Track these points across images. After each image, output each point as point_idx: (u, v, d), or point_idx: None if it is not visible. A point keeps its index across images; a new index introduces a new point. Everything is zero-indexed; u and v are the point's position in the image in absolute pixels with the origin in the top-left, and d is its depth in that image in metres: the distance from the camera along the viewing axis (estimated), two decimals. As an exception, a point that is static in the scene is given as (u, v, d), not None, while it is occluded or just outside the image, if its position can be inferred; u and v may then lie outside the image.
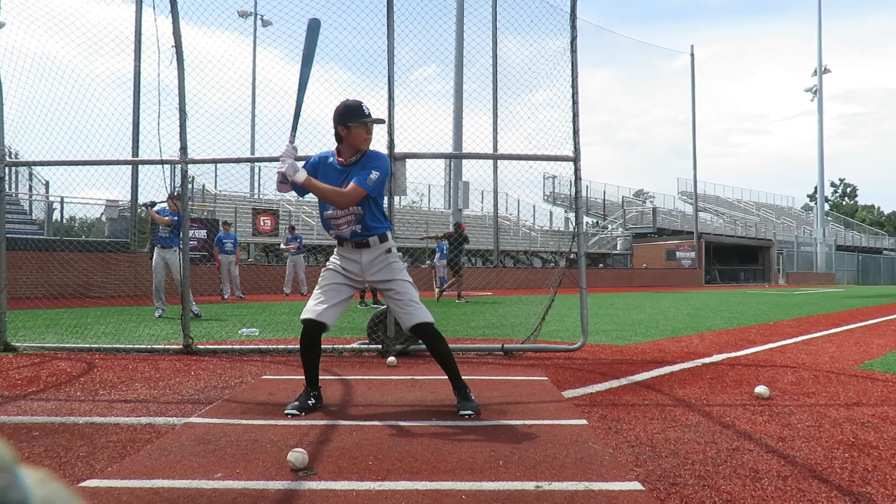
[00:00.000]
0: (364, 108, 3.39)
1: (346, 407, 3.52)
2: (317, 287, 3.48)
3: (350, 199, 3.32)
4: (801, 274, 40.97)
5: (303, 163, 3.50)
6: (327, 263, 3.55)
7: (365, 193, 3.32)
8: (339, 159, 3.43)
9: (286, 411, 3.27)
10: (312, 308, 3.38)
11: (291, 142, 3.42)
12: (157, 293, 9.04)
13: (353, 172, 3.37)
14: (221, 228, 15.07)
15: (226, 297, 14.33)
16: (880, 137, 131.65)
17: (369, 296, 11.93)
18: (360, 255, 3.45)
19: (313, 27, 3.65)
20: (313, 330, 3.37)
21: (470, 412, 3.25)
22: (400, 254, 3.67)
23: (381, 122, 3.50)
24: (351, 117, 3.34)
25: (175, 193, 7.39)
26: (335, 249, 3.58)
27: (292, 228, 16.73)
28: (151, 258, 9.19)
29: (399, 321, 3.48)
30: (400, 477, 2.32)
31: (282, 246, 16.07)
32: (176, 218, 8.37)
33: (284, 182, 3.34)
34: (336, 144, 3.46)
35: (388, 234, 3.52)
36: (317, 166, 3.47)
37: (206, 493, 2.16)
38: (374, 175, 3.32)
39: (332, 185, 3.35)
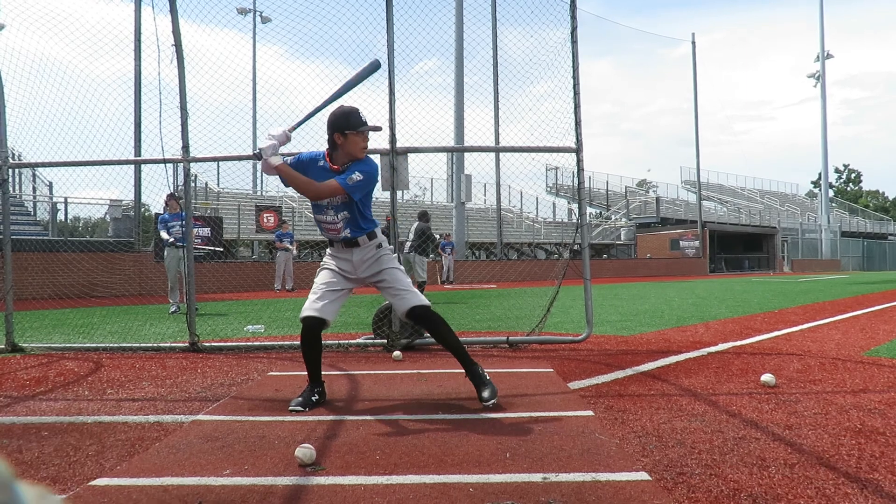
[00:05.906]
0: (361, 114, 3.33)
1: (353, 402, 3.53)
2: (314, 285, 3.49)
3: (321, 193, 3.30)
4: (806, 261, 40.83)
5: (289, 158, 3.45)
6: (323, 262, 3.55)
7: (342, 192, 3.28)
8: (333, 166, 3.38)
9: (290, 408, 3.28)
10: (312, 305, 3.39)
11: (289, 130, 3.36)
12: (172, 291, 9.28)
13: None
14: (281, 228, 16.78)
15: (278, 289, 15.80)
16: (885, 122, 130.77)
17: None
18: (351, 253, 3.47)
19: (375, 66, 3.69)
20: (314, 327, 3.38)
21: (493, 400, 3.26)
22: (392, 247, 3.69)
23: (377, 129, 3.42)
24: (349, 125, 3.28)
25: (176, 193, 7.43)
26: (328, 248, 3.60)
27: (283, 224, 17.03)
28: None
29: (395, 309, 3.48)
30: (407, 471, 2.32)
31: (277, 244, 16.20)
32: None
33: (260, 158, 3.29)
34: (327, 149, 3.41)
35: (377, 230, 3.52)
36: (304, 165, 3.42)
37: (214, 489, 2.17)
38: (357, 176, 3.27)
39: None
